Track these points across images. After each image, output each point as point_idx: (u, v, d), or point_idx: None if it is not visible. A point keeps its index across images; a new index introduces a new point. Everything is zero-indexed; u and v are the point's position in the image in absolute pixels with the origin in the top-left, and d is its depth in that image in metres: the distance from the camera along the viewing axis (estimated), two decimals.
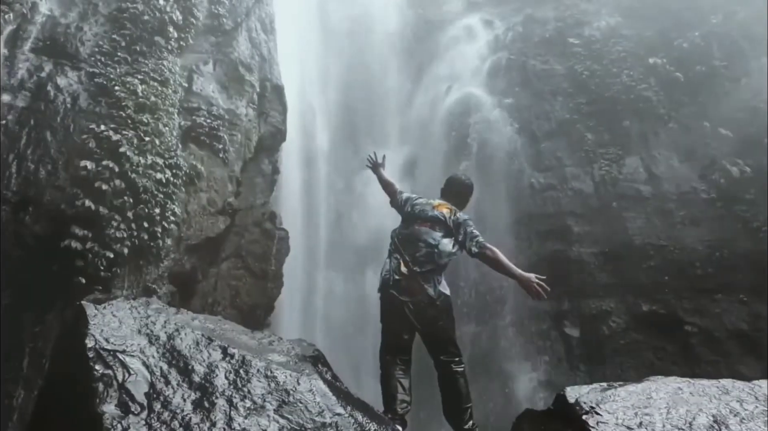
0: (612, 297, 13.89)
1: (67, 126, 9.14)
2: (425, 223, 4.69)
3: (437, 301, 4.41)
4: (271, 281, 13.13)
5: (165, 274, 10.14)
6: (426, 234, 4.60)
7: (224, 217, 11.53)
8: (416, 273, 4.42)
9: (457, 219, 4.67)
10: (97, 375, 3.38)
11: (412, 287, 4.42)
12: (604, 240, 14.46)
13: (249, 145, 12.50)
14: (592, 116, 16.08)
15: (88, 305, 3.96)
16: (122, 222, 9.03)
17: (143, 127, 9.78)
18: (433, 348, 4.52)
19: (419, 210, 4.83)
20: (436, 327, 4.47)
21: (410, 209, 4.89)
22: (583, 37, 17.60)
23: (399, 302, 4.45)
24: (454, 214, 4.72)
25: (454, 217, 4.69)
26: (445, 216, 4.67)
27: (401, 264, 4.50)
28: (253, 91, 12.80)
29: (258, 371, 3.68)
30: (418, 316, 4.42)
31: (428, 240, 4.55)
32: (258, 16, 13.85)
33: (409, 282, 4.43)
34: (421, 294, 4.39)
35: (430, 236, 4.57)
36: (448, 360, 4.43)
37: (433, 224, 4.65)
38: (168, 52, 10.95)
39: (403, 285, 4.45)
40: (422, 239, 4.57)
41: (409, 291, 4.43)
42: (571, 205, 15.15)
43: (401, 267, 4.49)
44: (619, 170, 15.07)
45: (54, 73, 9.32)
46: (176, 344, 3.78)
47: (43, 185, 8.67)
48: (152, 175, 9.63)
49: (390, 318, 4.57)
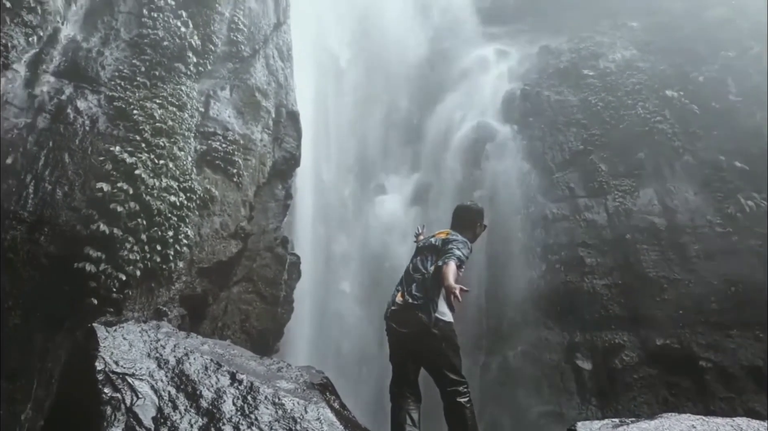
0: (625, 331, 13.71)
1: (85, 148, 9.26)
2: (423, 253, 4.75)
3: (434, 329, 4.35)
4: (282, 306, 13.11)
5: (176, 297, 10.15)
6: (421, 263, 4.65)
7: (236, 241, 11.57)
8: (410, 303, 4.42)
9: (448, 241, 4.65)
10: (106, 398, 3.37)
11: (407, 317, 4.42)
12: (618, 272, 14.34)
13: (263, 169, 12.60)
14: (605, 147, 16.07)
15: (99, 327, 3.97)
16: (136, 244, 9.08)
17: (159, 150, 9.90)
18: (437, 378, 4.47)
19: (423, 241, 4.96)
20: (436, 355, 4.41)
21: (419, 244, 5.01)
22: (597, 69, 17.69)
23: (397, 332, 4.46)
24: (449, 236, 4.72)
25: (446, 238, 4.69)
26: (438, 241, 4.68)
27: (398, 294, 4.55)
28: (268, 116, 12.94)
29: (266, 398, 3.66)
30: (416, 345, 4.40)
31: (421, 269, 4.59)
32: (276, 44, 14.07)
33: (405, 313, 4.44)
34: (416, 323, 4.36)
35: (424, 266, 4.61)
36: (452, 391, 4.37)
37: (429, 252, 4.69)
38: (186, 77, 11.13)
39: (399, 316, 4.49)
40: (418, 269, 4.62)
41: (405, 321, 4.44)
42: (584, 235, 15.06)
43: (398, 298, 4.53)
44: (633, 202, 14.99)
45: (74, 96, 9.47)
46: (185, 368, 3.78)
47: (59, 206, 8.76)
48: (167, 197, 9.71)
49: (393, 349, 4.59)
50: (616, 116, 16.37)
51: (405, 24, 21.99)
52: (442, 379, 4.42)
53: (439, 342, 4.40)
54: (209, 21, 11.99)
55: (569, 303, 14.21)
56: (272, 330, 12.87)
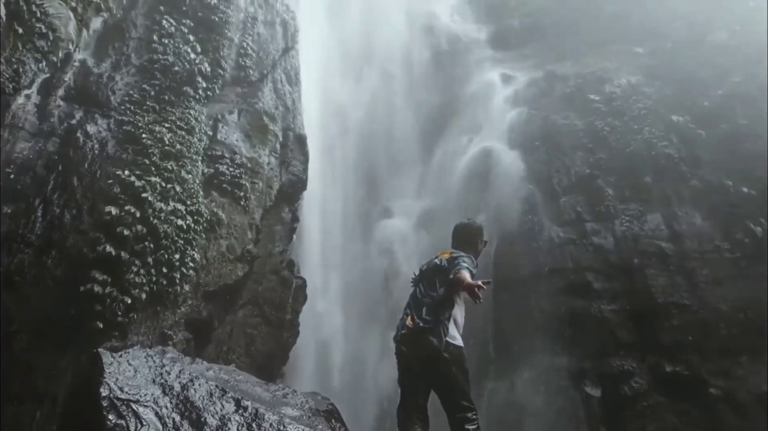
0: (634, 357, 13.54)
1: (93, 172, 9.33)
2: (430, 276, 4.75)
3: (444, 353, 4.34)
4: (287, 330, 13.04)
5: (181, 321, 10.13)
6: (429, 287, 4.65)
7: (243, 264, 11.57)
8: (421, 326, 4.41)
9: (453, 259, 4.67)
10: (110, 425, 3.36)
11: (418, 340, 4.41)
12: (626, 297, 14.21)
13: (270, 193, 12.64)
14: (612, 172, 16.05)
15: (104, 353, 3.97)
16: (142, 267, 9.10)
17: (167, 174, 9.96)
18: (446, 403, 4.44)
19: (426, 264, 4.97)
20: (446, 379, 4.40)
21: (421, 268, 5.00)
22: (603, 94, 17.74)
23: (407, 356, 4.44)
24: (453, 255, 4.73)
25: (451, 257, 4.69)
26: (444, 261, 4.69)
27: (408, 318, 4.54)
28: (276, 140, 13.03)
29: (271, 425, 3.63)
30: (426, 369, 4.38)
31: (431, 293, 4.57)
32: (284, 68, 14.23)
33: (415, 336, 4.43)
34: (427, 346, 4.34)
35: (433, 289, 4.60)
36: (461, 417, 4.32)
37: (436, 274, 4.68)
38: (195, 101, 11.24)
39: (409, 339, 4.48)
40: (427, 293, 4.62)
41: (416, 345, 4.42)
42: (591, 260, 14.97)
43: (408, 321, 4.52)
44: (640, 226, 14.92)
45: (84, 120, 9.57)
46: (190, 395, 3.76)
47: (67, 229, 8.79)
48: (174, 221, 9.74)
49: (402, 373, 4.56)
50: (623, 140, 16.38)
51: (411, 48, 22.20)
52: (452, 404, 4.39)
53: (450, 366, 4.38)
54: (219, 46, 12.16)
55: (577, 328, 14.06)
56: (277, 355, 12.79)
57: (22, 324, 8.06)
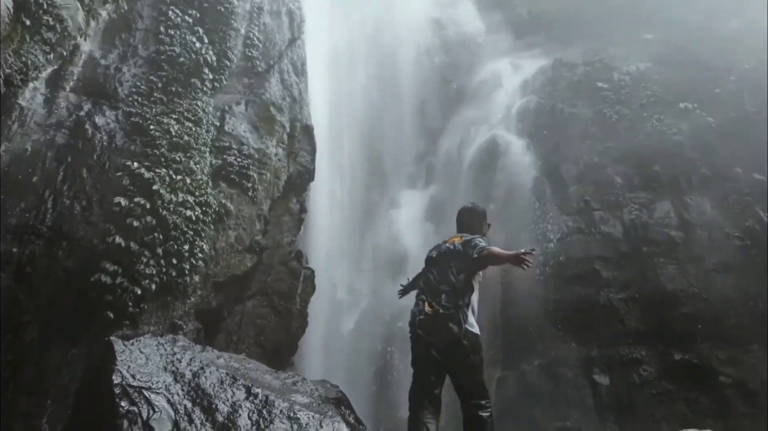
0: (642, 345, 13.49)
1: (102, 163, 9.37)
2: (443, 262, 4.70)
3: (463, 340, 4.34)
4: (296, 320, 13.09)
5: (191, 311, 10.19)
6: (446, 272, 4.59)
7: (251, 255, 11.61)
8: (441, 313, 4.37)
9: (467, 241, 4.69)
10: (122, 411, 3.38)
11: (437, 327, 4.37)
12: (634, 285, 14.15)
13: (278, 183, 12.67)
14: (621, 160, 15.93)
15: (116, 341, 4.00)
16: (152, 258, 9.16)
17: (175, 165, 10.01)
18: (460, 390, 4.44)
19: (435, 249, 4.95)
20: (463, 367, 4.40)
21: (429, 254, 4.97)
22: (612, 82, 17.61)
23: (424, 342, 4.42)
24: (464, 238, 4.76)
25: (464, 240, 4.70)
26: (458, 245, 4.68)
27: (426, 304, 4.48)
28: (283, 131, 13.03)
29: (281, 412, 3.65)
30: (444, 356, 4.36)
31: (450, 278, 4.54)
32: (290, 59, 14.20)
33: (434, 322, 4.38)
34: (446, 333, 4.32)
35: (452, 274, 4.56)
36: (475, 404, 4.32)
37: (451, 259, 4.65)
38: (202, 92, 11.26)
39: (427, 325, 4.42)
40: (445, 279, 4.56)
41: (434, 331, 4.38)
42: (600, 249, 14.90)
43: (426, 308, 4.46)
44: (649, 215, 14.82)
45: (92, 112, 9.62)
46: (201, 382, 3.78)
47: (77, 221, 8.86)
48: (183, 212, 9.79)
49: (417, 359, 4.54)
50: (631, 129, 16.26)
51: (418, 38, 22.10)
52: (466, 391, 4.39)
53: (468, 353, 4.38)
54: (225, 37, 12.15)
55: (585, 317, 14.02)
56: (287, 344, 12.85)
57: (33, 315, 8.14)
